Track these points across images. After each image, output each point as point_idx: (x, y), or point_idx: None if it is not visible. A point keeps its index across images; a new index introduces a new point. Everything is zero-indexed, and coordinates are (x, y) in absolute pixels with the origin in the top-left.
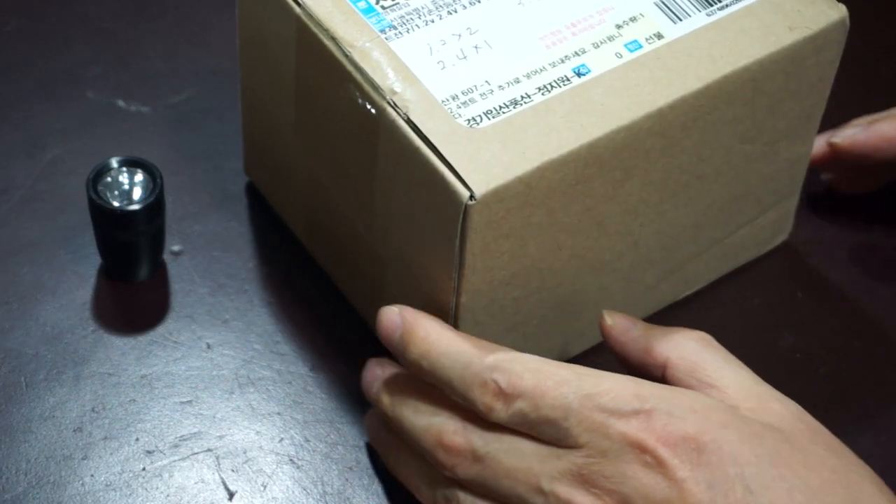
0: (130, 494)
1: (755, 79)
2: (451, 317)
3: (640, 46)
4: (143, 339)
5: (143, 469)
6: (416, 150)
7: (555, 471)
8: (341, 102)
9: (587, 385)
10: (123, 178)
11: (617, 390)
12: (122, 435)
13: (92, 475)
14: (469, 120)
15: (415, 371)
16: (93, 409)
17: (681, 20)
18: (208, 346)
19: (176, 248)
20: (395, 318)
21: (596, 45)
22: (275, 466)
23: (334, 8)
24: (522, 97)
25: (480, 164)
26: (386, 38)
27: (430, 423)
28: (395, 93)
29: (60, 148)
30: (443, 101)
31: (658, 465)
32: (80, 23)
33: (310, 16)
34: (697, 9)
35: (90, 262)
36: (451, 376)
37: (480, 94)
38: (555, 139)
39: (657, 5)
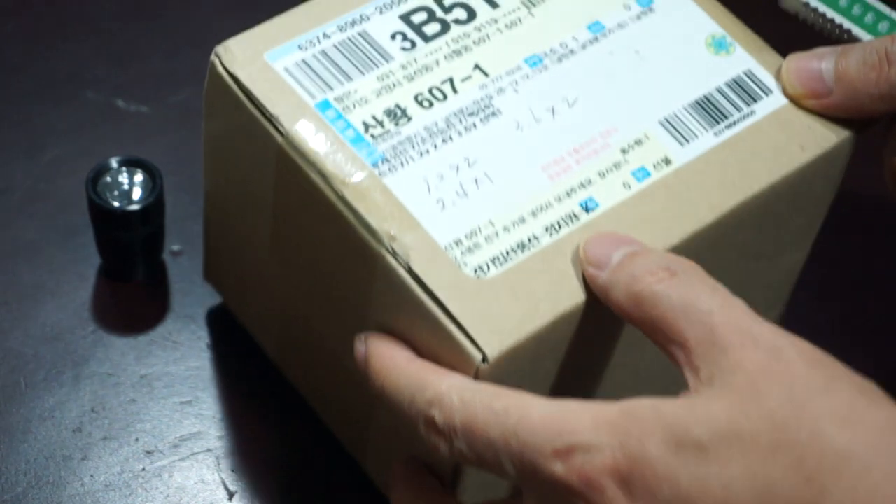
0: (130, 495)
1: (767, 201)
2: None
3: (648, 174)
4: (142, 339)
5: (143, 469)
6: (421, 304)
7: None
8: (329, 239)
9: (513, 419)
10: (123, 178)
11: (543, 425)
12: (122, 435)
13: (91, 475)
14: (476, 269)
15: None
16: (92, 409)
17: (688, 141)
18: (208, 346)
19: (176, 248)
20: (361, 347)
21: (602, 175)
22: (275, 466)
23: (321, 137)
24: (530, 239)
25: (491, 322)
26: (379, 174)
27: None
28: (393, 238)
29: (60, 148)
30: (446, 248)
31: None
32: (80, 23)
33: (294, 147)
34: (704, 128)
35: (90, 262)
36: (403, 413)
37: (485, 238)
38: (566, 288)
39: (662, 125)
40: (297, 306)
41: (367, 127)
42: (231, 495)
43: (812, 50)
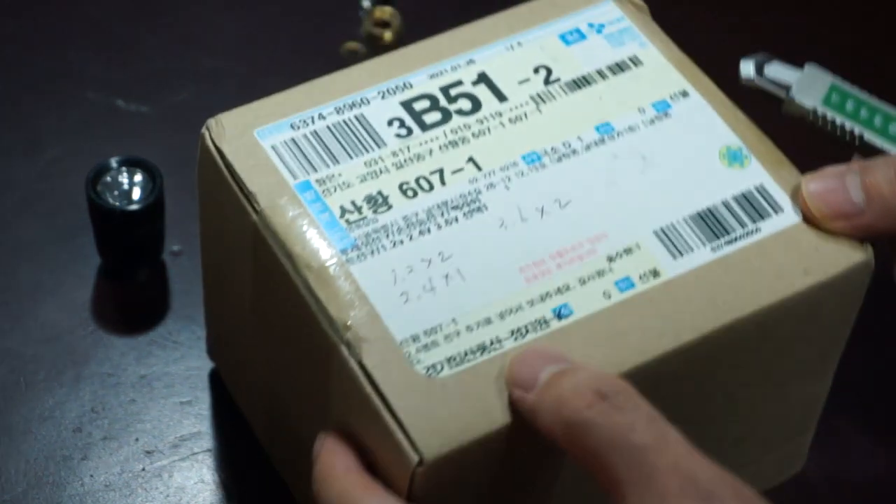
0: (130, 495)
1: (762, 325)
2: None
3: (633, 285)
4: (142, 339)
5: (143, 469)
6: (367, 399)
7: None
8: (295, 323)
9: None
10: (123, 178)
11: None
12: (122, 435)
13: (91, 475)
14: (428, 368)
15: None
16: (92, 410)
17: (681, 255)
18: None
19: (176, 248)
20: (318, 447)
21: (582, 282)
22: (275, 467)
23: (294, 219)
24: (492, 342)
25: (434, 424)
26: (347, 260)
27: None
28: (349, 328)
29: (60, 148)
30: (401, 343)
31: None
32: (80, 23)
33: (266, 225)
34: (702, 242)
35: (90, 262)
36: None
37: (445, 336)
38: None
39: (657, 235)
40: (277, 391)
41: (343, 211)
42: (231, 495)
43: (824, 169)
